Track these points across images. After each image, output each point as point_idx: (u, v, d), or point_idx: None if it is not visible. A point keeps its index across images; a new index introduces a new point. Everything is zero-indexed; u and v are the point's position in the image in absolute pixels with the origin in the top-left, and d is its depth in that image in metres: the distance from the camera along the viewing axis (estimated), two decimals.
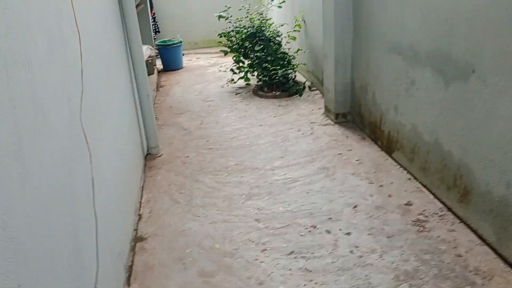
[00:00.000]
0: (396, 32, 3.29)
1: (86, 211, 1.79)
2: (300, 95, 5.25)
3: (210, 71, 7.00)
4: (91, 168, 1.86)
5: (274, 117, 4.77)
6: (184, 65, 7.48)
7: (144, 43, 6.69)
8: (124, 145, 2.97)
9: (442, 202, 2.95)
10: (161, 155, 4.04)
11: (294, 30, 5.70)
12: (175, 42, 7.20)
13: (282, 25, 5.83)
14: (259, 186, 3.37)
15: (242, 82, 6.04)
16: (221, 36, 5.86)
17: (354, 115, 4.31)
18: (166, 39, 7.40)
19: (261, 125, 4.58)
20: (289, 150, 3.93)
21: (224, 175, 3.58)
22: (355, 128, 4.26)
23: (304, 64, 5.89)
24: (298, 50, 5.67)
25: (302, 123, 4.52)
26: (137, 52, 3.67)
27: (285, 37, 5.77)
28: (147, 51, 6.53)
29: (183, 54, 7.61)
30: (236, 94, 5.73)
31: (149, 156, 4.02)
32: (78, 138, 1.80)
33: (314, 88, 5.55)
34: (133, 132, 3.50)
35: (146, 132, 3.96)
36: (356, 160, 3.62)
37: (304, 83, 5.42)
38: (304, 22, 5.71)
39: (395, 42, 3.31)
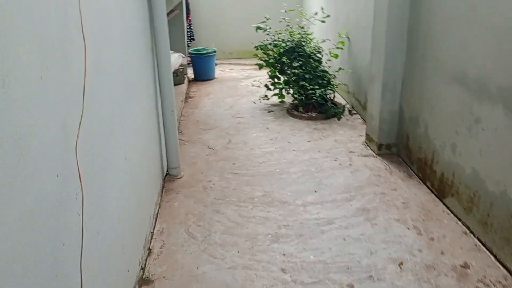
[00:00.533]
0: (460, 60, 2.82)
1: (72, 271, 1.42)
2: (339, 119, 4.80)
3: (243, 84, 6.64)
4: (82, 216, 1.49)
5: (309, 141, 4.34)
6: (216, 75, 7.15)
7: (176, 50, 6.42)
8: (137, 167, 2.60)
9: (506, 268, 2.44)
10: (182, 176, 3.67)
11: (337, 47, 5.28)
12: (209, 51, 6.88)
13: (323, 41, 5.42)
14: (288, 225, 2.94)
15: (275, 99, 5.64)
16: (257, 49, 5.49)
17: (400, 148, 3.83)
18: (200, 48, 7.10)
19: (293, 150, 4.16)
20: (324, 183, 3.48)
21: (249, 208, 3.17)
22: (400, 162, 3.78)
23: (345, 85, 5.45)
24: (340, 69, 5.24)
25: (339, 152, 4.07)
26: (164, 63, 3.33)
27: (326, 54, 5.34)
28: (178, 59, 6.24)
29: (216, 64, 7.29)
30: (269, 112, 5.33)
31: (168, 177, 3.66)
32: (70, 174, 1.43)
33: (355, 112, 5.09)
34: (152, 150, 3.14)
35: (168, 151, 3.60)
36: (402, 203, 3.14)
37: (344, 106, 4.97)
38: (348, 39, 5.27)
39: (458, 71, 2.84)
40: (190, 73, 7.09)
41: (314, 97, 4.86)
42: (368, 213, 3.04)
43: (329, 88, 4.94)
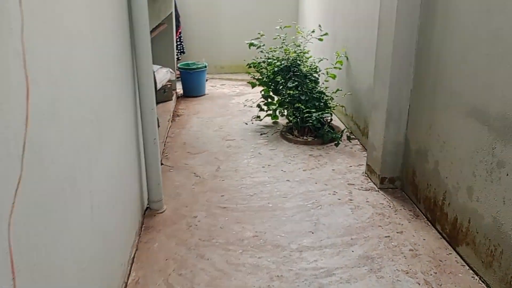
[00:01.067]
0: (480, 92, 2.50)
1: None
2: (337, 145, 4.47)
3: (235, 102, 6.30)
4: None
5: (304, 170, 4.00)
6: (207, 91, 6.80)
7: (165, 65, 6.07)
8: (109, 212, 2.23)
9: None
10: (164, 211, 3.30)
11: (335, 67, 4.96)
12: (199, 66, 6.54)
13: (320, 60, 5.11)
14: (282, 276, 2.57)
15: (268, 120, 5.31)
16: (249, 67, 5.16)
17: (405, 183, 3.50)
18: (189, 62, 6.75)
19: (288, 180, 3.81)
20: (322, 223, 3.13)
21: (237, 252, 2.80)
22: (405, 199, 3.44)
23: (342, 107, 5.13)
24: (337, 90, 4.92)
25: (338, 184, 3.72)
26: (147, 91, 2.98)
27: (323, 73, 5.03)
28: (166, 74, 5.90)
29: (207, 80, 6.94)
30: (261, 134, 4.98)
31: (149, 211, 3.28)
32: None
33: (353, 137, 4.76)
34: (129, 186, 2.77)
35: (149, 184, 3.23)
36: (410, 250, 2.80)
37: (342, 131, 4.63)
38: (347, 59, 4.97)
39: (477, 104, 2.52)
40: (180, 88, 6.73)
41: (310, 121, 4.52)
42: (372, 262, 2.69)
43: (326, 111, 4.61)
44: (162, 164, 4.17)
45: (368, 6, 4.31)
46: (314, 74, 4.90)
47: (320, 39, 5.00)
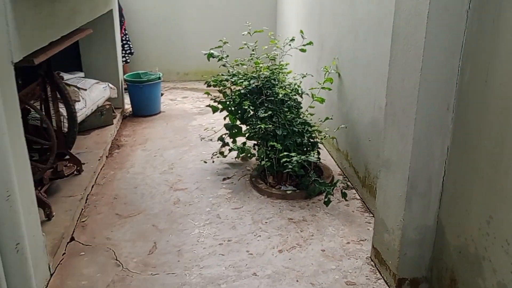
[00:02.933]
0: None
1: None
2: (327, 203, 3.16)
3: (196, 124, 4.95)
4: None
5: (281, 252, 2.71)
6: (162, 108, 5.44)
7: (103, 78, 4.71)
8: None
9: None
10: None
11: (323, 87, 3.67)
12: (151, 77, 5.17)
13: (304, 76, 3.80)
14: None
15: (235, 154, 3.98)
16: (209, 85, 3.83)
17: None
18: (141, 72, 5.37)
19: (255, 274, 2.51)
20: None
21: None
22: None
23: (333, 139, 3.84)
24: (327, 119, 3.64)
25: (331, 282, 2.44)
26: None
27: (308, 94, 3.72)
28: (104, 92, 4.56)
29: (163, 94, 5.57)
30: (224, 179, 3.67)
31: None
32: None
33: (349, 185, 3.49)
34: None
35: None
36: None
37: (334, 183, 3.29)
38: (339, 75, 3.67)
39: None
40: (129, 104, 5.35)
41: (290, 166, 3.21)
42: None
43: (311, 154, 3.31)
44: (72, 239, 2.85)
45: (370, 4, 3.01)
46: (294, 97, 3.59)
47: (303, 50, 3.67)
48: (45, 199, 2.89)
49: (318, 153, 3.53)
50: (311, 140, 3.49)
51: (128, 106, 5.35)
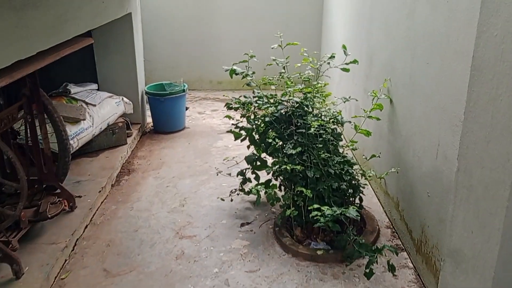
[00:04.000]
0: None
1: None
2: (368, 276, 2.40)
3: (220, 146, 4.31)
4: None
5: None
6: (187, 124, 4.84)
7: (120, 90, 4.19)
8: None
9: None
10: None
11: (369, 116, 2.91)
12: (175, 89, 4.58)
13: (345, 101, 3.04)
14: None
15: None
16: (230, 108, 3.16)
17: None
18: (164, 83, 4.79)
19: None
20: None
21: None
22: None
23: (381, 178, 3.07)
24: (373, 156, 2.88)
25: None
26: None
27: (349, 123, 2.97)
28: (117, 108, 4.03)
29: (187, 108, 4.97)
30: (242, 224, 3.01)
31: None
32: None
33: (399, 245, 2.71)
34: None
35: None
36: None
37: (382, 249, 2.49)
38: (391, 102, 2.90)
39: None
40: (150, 118, 4.80)
41: (322, 221, 2.48)
42: None
43: (351, 206, 2.55)
44: None
45: (435, 14, 2.22)
46: (332, 127, 2.85)
47: (345, 70, 2.91)
48: (11, 252, 2.34)
49: (361, 200, 2.79)
50: (352, 183, 2.75)
51: (150, 120, 4.80)
